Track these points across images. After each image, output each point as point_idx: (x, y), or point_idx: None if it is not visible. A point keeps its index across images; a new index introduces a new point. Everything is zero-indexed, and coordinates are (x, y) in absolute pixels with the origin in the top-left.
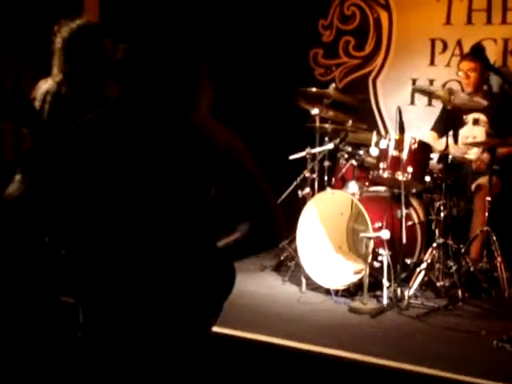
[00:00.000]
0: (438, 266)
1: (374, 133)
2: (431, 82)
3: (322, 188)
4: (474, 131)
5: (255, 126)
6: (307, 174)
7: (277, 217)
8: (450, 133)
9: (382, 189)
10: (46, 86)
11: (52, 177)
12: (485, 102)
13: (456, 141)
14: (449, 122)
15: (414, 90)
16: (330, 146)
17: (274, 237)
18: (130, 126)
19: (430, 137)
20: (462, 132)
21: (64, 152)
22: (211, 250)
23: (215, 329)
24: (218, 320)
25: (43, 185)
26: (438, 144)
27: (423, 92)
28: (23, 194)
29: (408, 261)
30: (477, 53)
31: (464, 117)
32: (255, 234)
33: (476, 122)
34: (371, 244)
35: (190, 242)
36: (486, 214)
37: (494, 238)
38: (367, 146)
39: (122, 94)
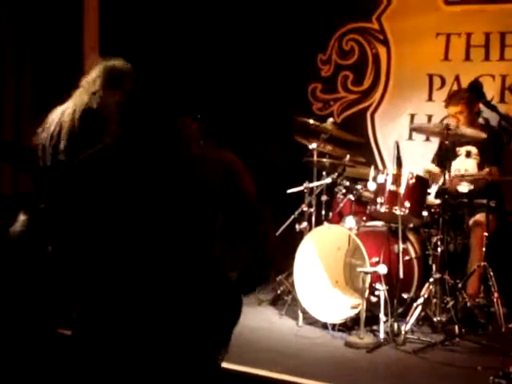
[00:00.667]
0: (434, 301)
1: (372, 167)
2: (429, 117)
3: (319, 222)
4: (466, 164)
5: (253, 159)
6: (305, 208)
7: (265, 241)
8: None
9: (379, 223)
10: (62, 106)
11: (59, 209)
12: (483, 135)
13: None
14: (445, 155)
15: (412, 130)
16: (328, 180)
17: (264, 271)
18: (131, 162)
19: (429, 169)
20: (455, 164)
21: (71, 186)
22: (221, 277)
23: None
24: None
25: (49, 218)
26: (438, 176)
27: (421, 130)
28: (28, 229)
29: (405, 296)
30: (474, 90)
31: (457, 149)
32: (253, 263)
33: (468, 154)
34: (368, 279)
35: (200, 269)
36: (484, 249)
37: (491, 273)
38: (365, 180)
39: (123, 133)
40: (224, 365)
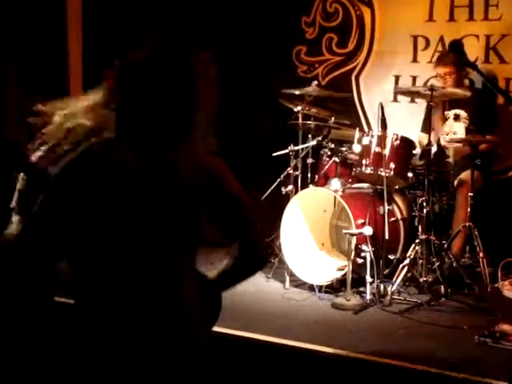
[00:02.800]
0: (420, 261)
1: (357, 129)
2: (414, 78)
3: (305, 185)
4: (454, 127)
5: (239, 123)
6: (290, 171)
7: (259, 241)
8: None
9: (364, 185)
10: None
11: (56, 210)
12: (468, 93)
13: (438, 140)
14: (430, 117)
15: (397, 93)
16: (313, 143)
17: (258, 260)
18: (125, 162)
19: (421, 138)
20: (443, 128)
21: (66, 186)
22: (202, 277)
23: None
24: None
25: (45, 219)
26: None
27: (406, 92)
28: (24, 231)
29: (391, 257)
30: (455, 49)
31: (445, 112)
32: (244, 258)
33: (457, 117)
34: (354, 240)
35: (192, 267)
36: (468, 209)
37: (477, 233)
38: (350, 142)
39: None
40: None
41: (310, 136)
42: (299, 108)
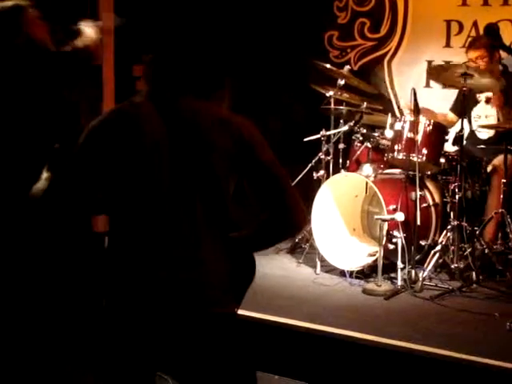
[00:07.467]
0: (452, 248)
1: (389, 115)
2: (447, 63)
3: (336, 170)
4: (486, 110)
5: (270, 108)
6: (322, 156)
7: (295, 206)
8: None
9: (396, 171)
10: None
11: (82, 168)
12: (502, 83)
13: (470, 123)
14: (464, 102)
15: (429, 74)
16: (345, 128)
17: (292, 226)
18: (156, 120)
19: (448, 117)
20: (475, 111)
21: (96, 143)
22: (233, 240)
23: None
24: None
25: (71, 177)
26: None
27: (438, 77)
28: (51, 188)
29: (422, 243)
30: (490, 32)
31: (477, 95)
32: (273, 224)
33: (488, 100)
34: (385, 226)
35: (215, 231)
36: (501, 196)
37: (509, 219)
38: (382, 128)
39: (150, 88)
40: (243, 312)
41: (341, 121)
42: (331, 93)
